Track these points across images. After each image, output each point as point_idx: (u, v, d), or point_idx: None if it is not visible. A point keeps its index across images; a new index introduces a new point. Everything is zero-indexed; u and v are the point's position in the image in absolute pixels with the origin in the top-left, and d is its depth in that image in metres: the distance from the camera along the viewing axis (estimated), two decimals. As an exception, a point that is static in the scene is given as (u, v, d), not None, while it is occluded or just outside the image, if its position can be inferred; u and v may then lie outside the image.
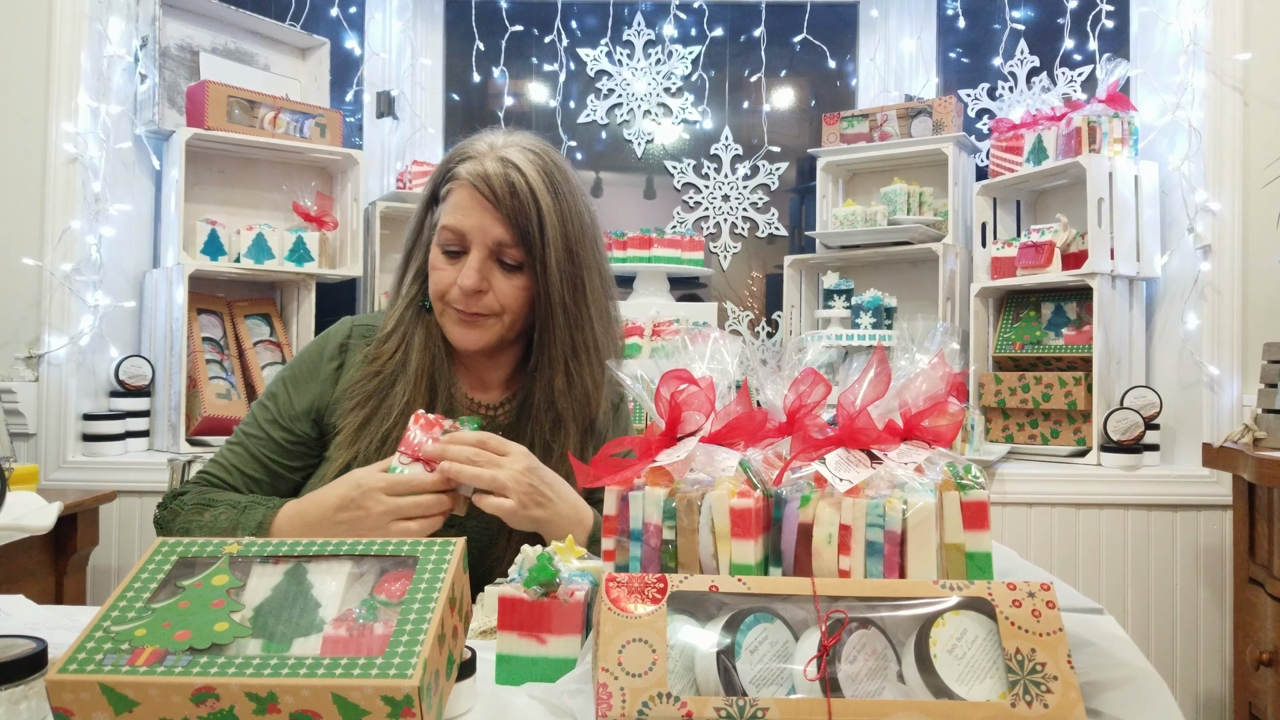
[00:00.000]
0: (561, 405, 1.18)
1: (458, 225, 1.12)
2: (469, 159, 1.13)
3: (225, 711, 0.62)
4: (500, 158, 1.12)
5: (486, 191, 1.10)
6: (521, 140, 1.16)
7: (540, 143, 1.17)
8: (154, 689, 0.62)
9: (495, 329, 1.16)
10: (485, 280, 1.13)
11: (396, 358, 1.18)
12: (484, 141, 1.15)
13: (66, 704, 0.62)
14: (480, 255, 1.12)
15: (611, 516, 0.79)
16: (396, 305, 1.22)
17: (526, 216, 1.11)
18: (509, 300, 1.14)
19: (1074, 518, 2.19)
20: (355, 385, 1.17)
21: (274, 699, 0.61)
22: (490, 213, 1.11)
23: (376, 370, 1.17)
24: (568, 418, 1.18)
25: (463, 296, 1.13)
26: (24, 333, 2.19)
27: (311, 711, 0.61)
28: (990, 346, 2.49)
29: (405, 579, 0.70)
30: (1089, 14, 2.61)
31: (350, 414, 1.16)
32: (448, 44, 2.96)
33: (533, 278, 1.14)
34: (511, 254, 1.13)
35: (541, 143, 1.17)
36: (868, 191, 2.76)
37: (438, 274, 1.15)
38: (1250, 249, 2.21)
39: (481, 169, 1.11)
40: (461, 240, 1.13)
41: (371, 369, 1.18)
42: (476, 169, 1.11)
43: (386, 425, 1.14)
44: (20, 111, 2.20)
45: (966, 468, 0.80)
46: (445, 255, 1.14)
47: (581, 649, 0.77)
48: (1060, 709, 0.62)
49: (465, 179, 1.12)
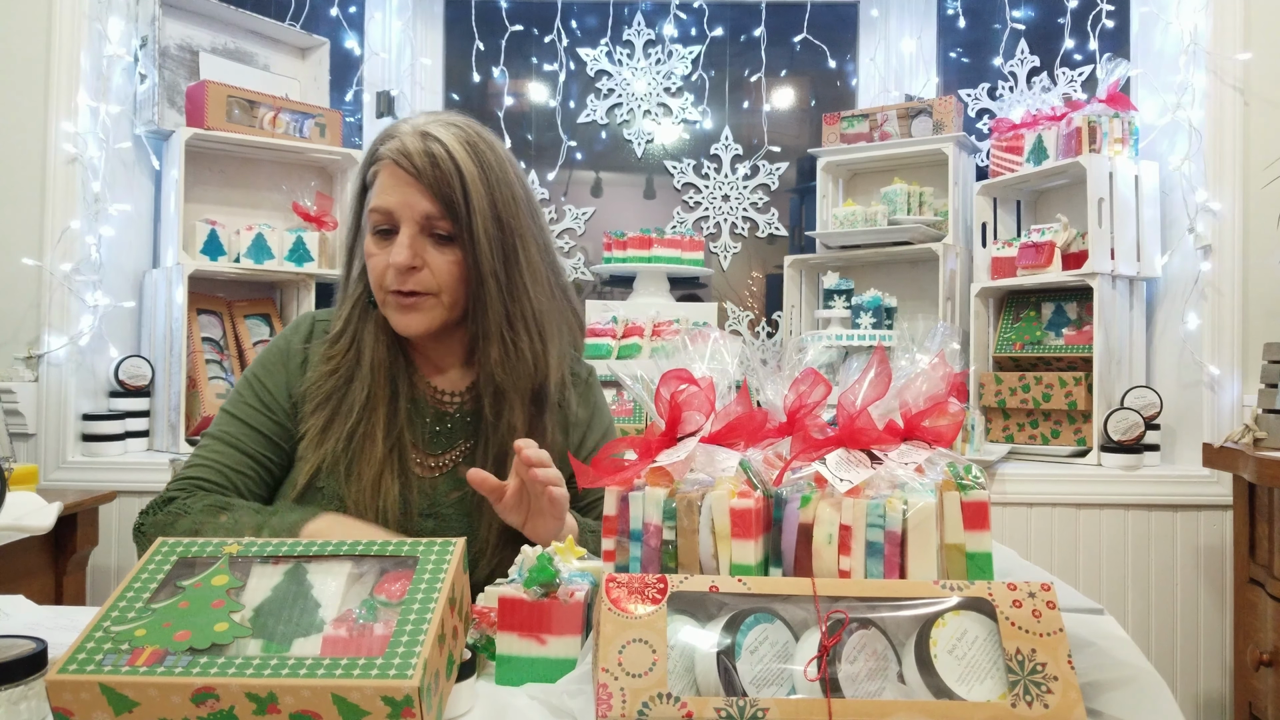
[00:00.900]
0: (499, 377, 1.15)
1: (384, 204, 1.11)
2: (391, 139, 1.12)
3: (225, 712, 0.62)
4: (421, 133, 1.11)
5: (409, 166, 1.09)
6: (445, 117, 1.16)
7: (465, 118, 1.16)
8: (154, 689, 0.62)
9: (435, 311, 1.14)
10: (418, 256, 1.11)
11: (350, 356, 1.17)
12: (407, 123, 1.14)
13: (66, 704, 0.62)
14: (410, 231, 1.10)
15: (611, 516, 0.79)
16: (344, 305, 1.21)
17: (450, 186, 1.09)
18: (444, 275, 1.12)
19: (1074, 518, 2.18)
20: (314, 386, 1.16)
21: (274, 699, 0.61)
22: (414, 187, 1.10)
23: (333, 369, 1.17)
24: (509, 389, 1.16)
25: (397, 276, 1.11)
26: (24, 333, 2.19)
27: (311, 712, 0.61)
28: (990, 346, 2.49)
29: (405, 579, 0.70)
30: (1089, 14, 2.61)
31: (312, 416, 1.15)
32: (448, 44, 2.96)
33: (464, 249, 1.12)
34: (441, 226, 1.11)
35: (466, 118, 1.17)
36: (868, 191, 2.76)
37: (373, 260, 1.13)
38: (1250, 249, 2.21)
39: (402, 145, 1.10)
40: (390, 219, 1.11)
41: (327, 369, 1.17)
42: (397, 146, 1.11)
43: (350, 423, 1.13)
44: (20, 111, 2.20)
45: (967, 468, 0.80)
46: (378, 238, 1.13)
47: (581, 649, 0.77)
48: (1060, 709, 0.62)
49: (388, 158, 1.11)
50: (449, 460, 1.19)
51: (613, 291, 2.94)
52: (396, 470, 1.14)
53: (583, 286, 2.96)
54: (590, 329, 2.55)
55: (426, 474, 1.18)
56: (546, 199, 2.96)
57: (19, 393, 2.16)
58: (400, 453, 1.15)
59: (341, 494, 1.12)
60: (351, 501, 1.11)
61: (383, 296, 1.14)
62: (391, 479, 1.13)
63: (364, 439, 1.13)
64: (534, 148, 2.97)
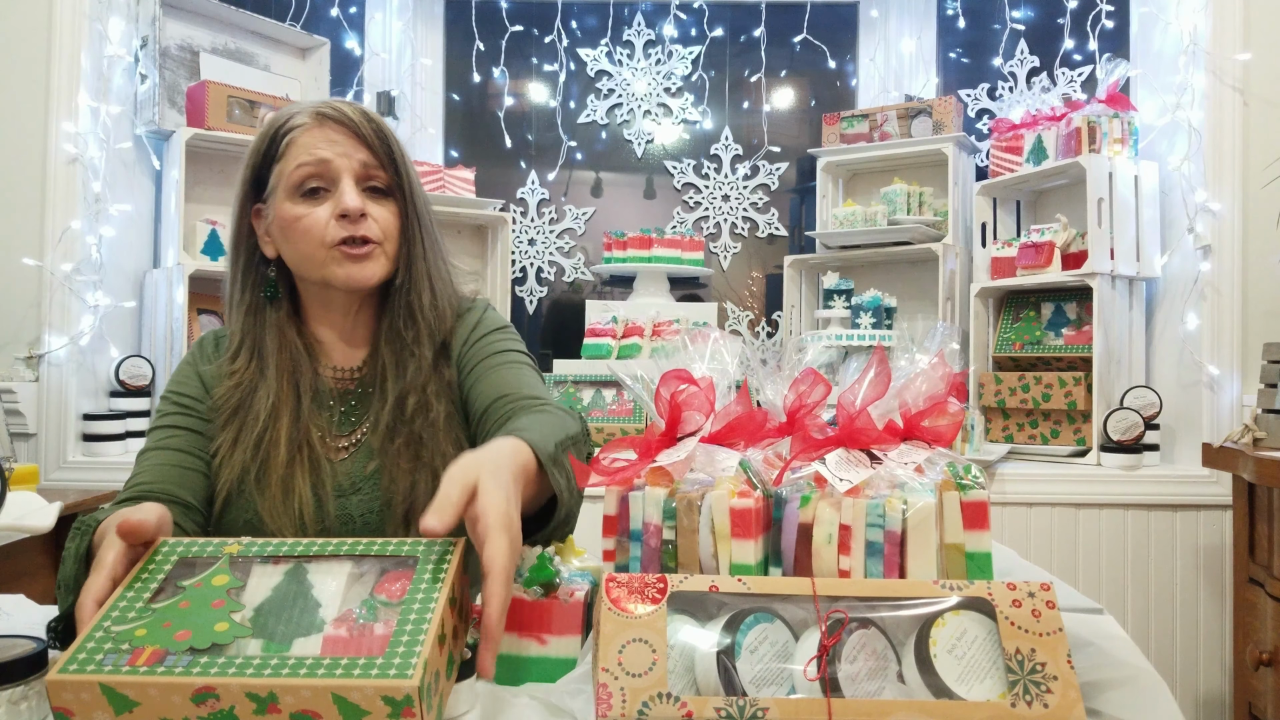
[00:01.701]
0: (422, 319, 1.16)
1: (318, 155, 1.09)
2: (298, 113, 1.11)
3: (225, 712, 0.62)
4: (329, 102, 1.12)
5: (344, 119, 1.09)
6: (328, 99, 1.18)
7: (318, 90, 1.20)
8: (154, 689, 0.62)
9: (382, 260, 1.13)
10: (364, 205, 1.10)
11: (253, 368, 1.15)
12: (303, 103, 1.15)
13: (67, 704, 0.62)
14: (350, 180, 1.09)
15: (611, 516, 0.79)
16: (235, 316, 1.18)
17: (385, 138, 1.11)
18: (387, 225, 1.12)
19: (1074, 518, 2.19)
20: (221, 401, 1.14)
21: (274, 699, 0.61)
22: (351, 138, 1.10)
23: (236, 383, 1.15)
24: (424, 333, 1.16)
25: (349, 223, 1.09)
26: (24, 333, 2.19)
27: (312, 711, 0.61)
28: (990, 346, 2.49)
29: (405, 579, 0.70)
30: (1089, 14, 2.61)
31: (222, 432, 1.13)
32: (448, 44, 2.96)
33: (398, 200, 1.13)
34: (379, 177, 1.11)
35: None
36: (868, 191, 2.76)
37: (304, 221, 1.09)
38: (1250, 249, 2.21)
39: (326, 104, 1.11)
40: (326, 170, 1.09)
41: (231, 383, 1.15)
42: (319, 108, 1.10)
43: (256, 430, 1.11)
44: (20, 111, 2.20)
45: (966, 468, 0.80)
46: (304, 199, 1.10)
47: (581, 649, 0.77)
48: (1060, 709, 0.62)
49: (310, 121, 1.10)
50: (359, 435, 1.17)
51: (613, 291, 2.95)
52: (306, 467, 1.11)
53: (582, 287, 2.96)
54: (590, 329, 2.55)
55: (340, 456, 1.15)
56: (547, 199, 2.96)
57: (19, 393, 2.16)
58: (309, 448, 1.12)
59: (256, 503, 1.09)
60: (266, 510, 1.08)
61: (323, 255, 1.10)
62: (303, 477, 1.10)
63: (270, 445, 1.11)
64: (534, 148, 2.97)
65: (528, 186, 2.95)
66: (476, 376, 1.17)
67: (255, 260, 1.18)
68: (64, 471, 2.19)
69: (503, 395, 1.13)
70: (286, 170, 1.10)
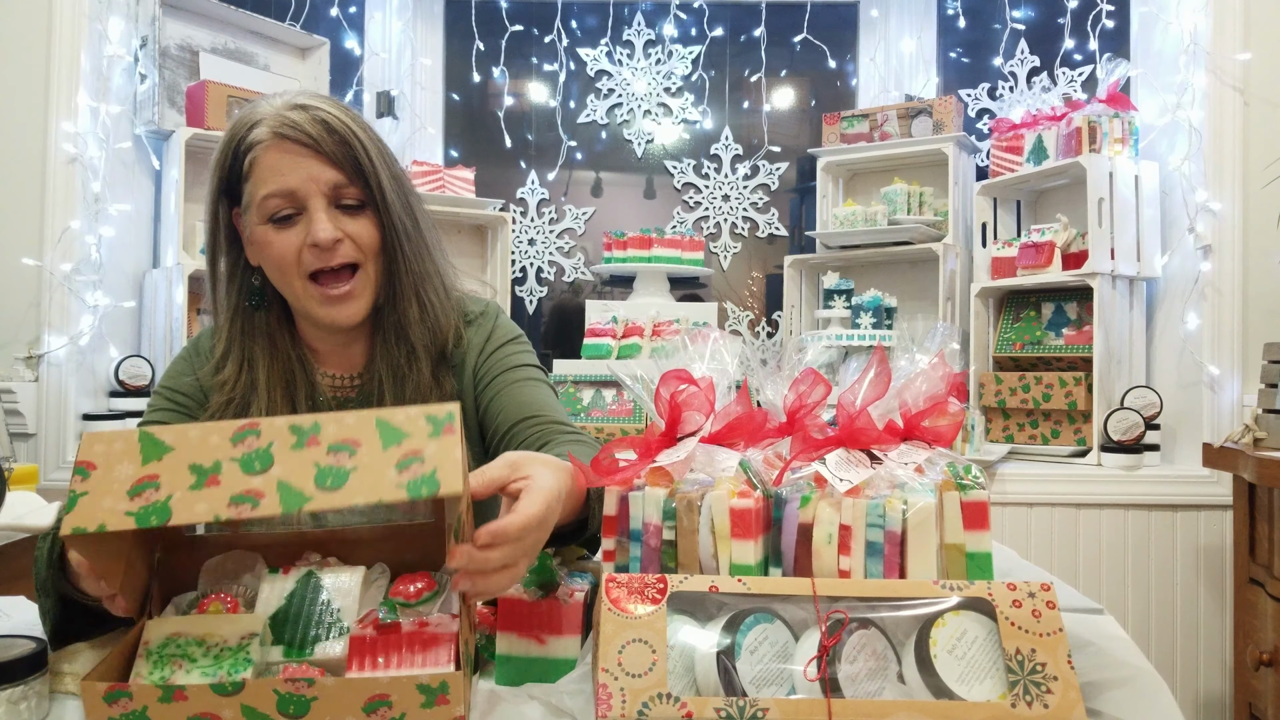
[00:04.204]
0: (414, 335, 1.12)
1: (283, 185, 1.03)
2: (258, 124, 1.05)
3: (263, 450, 0.64)
4: (295, 105, 1.05)
5: (303, 138, 1.03)
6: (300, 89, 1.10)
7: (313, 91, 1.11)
8: (195, 431, 0.65)
9: (365, 290, 1.09)
10: (338, 229, 1.05)
11: (243, 379, 1.11)
12: (264, 106, 1.07)
13: (94, 456, 0.64)
14: (320, 205, 1.03)
15: (611, 517, 0.79)
16: (221, 322, 1.13)
17: (352, 149, 1.04)
18: (366, 242, 1.07)
19: (1074, 518, 2.18)
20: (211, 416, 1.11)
21: (317, 429, 0.65)
22: (314, 158, 1.03)
23: (227, 398, 1.11)
24: (419, 348, 1.13)
25: (321, 254, 1.04)
26: (24, 333, 2.19)
27: (351, 440, 0.64)
28: (990, 346, 2.49)
29: (420, 579, 0.72)
30: (1089, 14, 2.61)
31: None
32: (448, 44, 2.96)
33: (375, 212, 1.08)
34: (350, 193, 1.05)
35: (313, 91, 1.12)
36: (868, 191, 2.76)
37: (275, 249, 1.05)
38: (1250, 249, 2.21)
39: (284, 120, 1.04)
40: (293, 199, 1.04)
41: (222, 398, 1.11)
42: (277, 125, 1.04)
43: None
44: (20, 111, 2.20)
45: (966, 468, 0.80)
46: (275, 226, 1.05)
47: (581, 649, 0.77)
48: (1060, 709, 0.62)
49: (269, 139, 1.04)
50: None
51: (613, 291, 2.94)
52: None
53: (582, 287, 2.96)
54: (590, 329, 2.55)
55: None
56: (547, 199, 2.96)
57: (19, 393, 2.16)
58: None
59: None
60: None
61: (301, 288, 1.06)
62: None
63: None
64: (534, 148, 2.97)
65: (527, 186, 2.95)
66: (495, 391, 1.14)
67: (240, 266, 1.12)
68: (64, 471, 2.19)
69: (531, 416, 1.11)
70: (256, 194, 1.06)
